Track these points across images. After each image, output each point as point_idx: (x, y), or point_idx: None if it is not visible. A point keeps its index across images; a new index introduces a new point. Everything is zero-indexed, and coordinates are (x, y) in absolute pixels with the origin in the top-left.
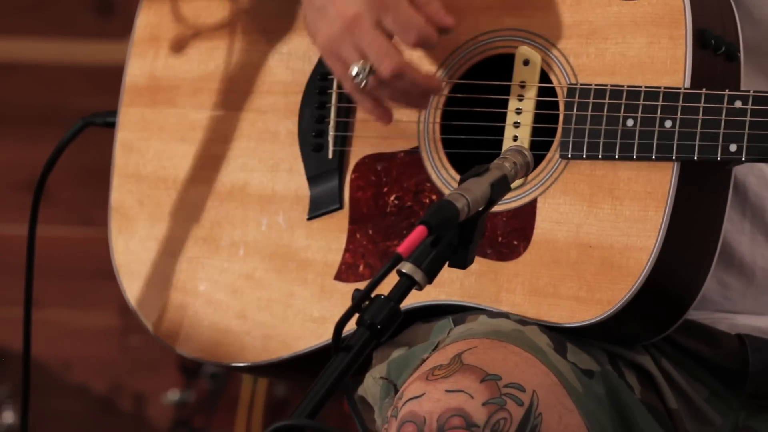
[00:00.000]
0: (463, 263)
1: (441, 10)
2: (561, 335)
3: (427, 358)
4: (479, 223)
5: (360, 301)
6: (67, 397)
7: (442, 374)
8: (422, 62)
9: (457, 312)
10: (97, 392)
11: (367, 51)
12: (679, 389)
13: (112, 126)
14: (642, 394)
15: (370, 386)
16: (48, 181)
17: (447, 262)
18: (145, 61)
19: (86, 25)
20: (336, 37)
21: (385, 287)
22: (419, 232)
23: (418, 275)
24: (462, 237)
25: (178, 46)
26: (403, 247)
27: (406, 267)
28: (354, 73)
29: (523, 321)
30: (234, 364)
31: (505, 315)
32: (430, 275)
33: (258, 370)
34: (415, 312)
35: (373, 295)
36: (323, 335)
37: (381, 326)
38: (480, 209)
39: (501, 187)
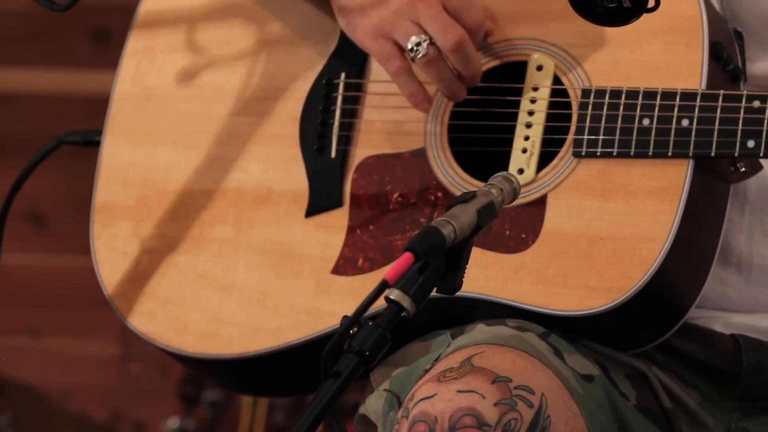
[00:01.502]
0: (450, 289)
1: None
2: (557, 341)
3: (431, 368)
4: (466, 249)
5: (348, 328)
6: (67, 426)
7: (453, 375)
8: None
9: (457, 308)
10: (97, 421)
11: (430, 24)
12: (671, 395)
13: (89, 145)
14: (637, 399)
15: (373, 403)
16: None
17: (435, 288)
18: (138, 69)
19: (84, 55)
20: (391, 16)
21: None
22: (405, 258)
23: (406, 302)
24: (449, 263)
25: (172, 55)
26: (389, 274)
27: (394, 294)
28: (411, 45)
29: (521, 327)
30: (222, 356)
31: (501, 322)
32: (418, 301)
33: (245, 364)
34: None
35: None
36: (314, 327)
37: (369, 353)
38: (466, 236)
39: (487, 214)
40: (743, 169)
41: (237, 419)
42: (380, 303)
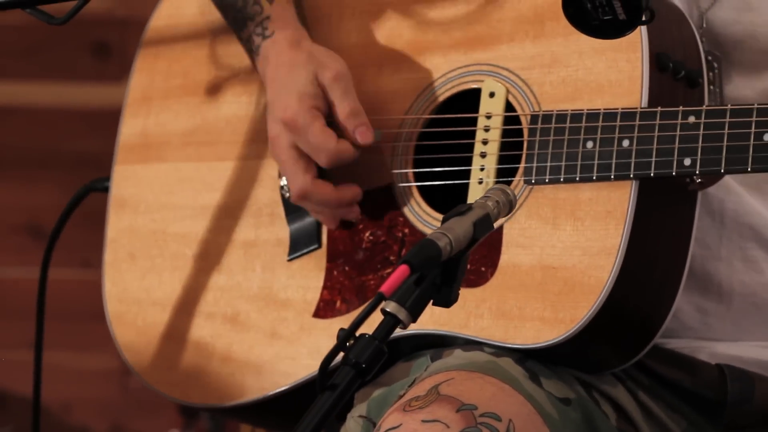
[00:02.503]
0: (446, 302)
1: (361, 125)
2: (535, 365)
3: (404, 393)
4: (462, 261)
5: (345, 340)
6: None
7: (418, 405)
8: (395, 100)
9: (429, 341)
10: None
11: (283, 171)
12: (657, 421)
13: None
14: (617, 422)
15: (351, 427)
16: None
17: (431, 301)
18: (137, 120)
19: (84, 68)
20: (271, 150)
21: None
22: (402, 271)
23: (402, 314)
24: (445, 276)
25: (168, 103)
26: (386, 286)
27: (391, 306)
28: (281, 186)
29: (497, 353)
30: (216, 406)
31: (479, 347)
32: (414, 314)
33: (241, 411)
34: (389, 345)
35: (357, 334)
36: (304, 371)
37: (366, 365)
38: (462, 248)
39: (484, 226)
40: (699, 180)
41: (237, 431)
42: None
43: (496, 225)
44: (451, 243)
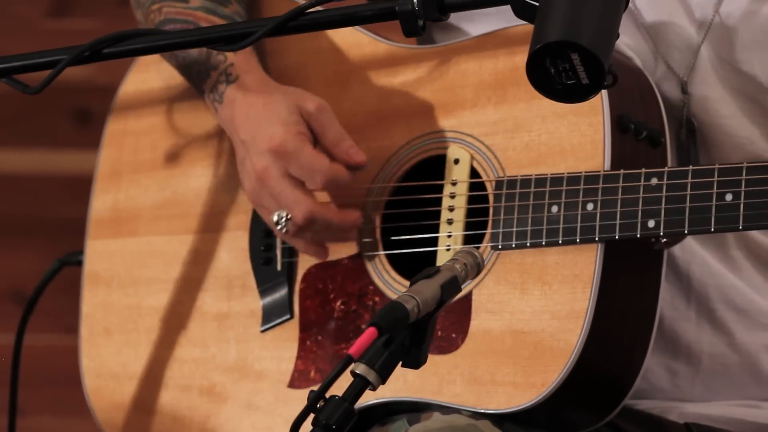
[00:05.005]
0: (416, 363)
1: (352, 148)
2: (512, 427)
3: None
4: (430, 323)
5: (314, 402)
6: None
7: None
8: (361, 171)
9: (404, 408)
10: None
11: (280, 201)
12: None
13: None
14: None
15: None
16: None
17: (400, 362)
18: (107, 195)
19: (65, 135)
20: (255, 189)
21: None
22: (369, 333)
23: (371, 376)
24: (414, 337)
25: (138, 177)
26: (354, 349)
27: (360, 368)
28: (275, 221)
29: (475, 416)
30: None
31: (456, 411)
32: (384, 376)
33: None
34: (365, 412)
35: (327, 396)
36: None
37: (336, 427)
38: (430, 310)
39: (451, 289)
40: (664, 239)
41: None
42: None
43: (464, 287)
44: (418, 305)
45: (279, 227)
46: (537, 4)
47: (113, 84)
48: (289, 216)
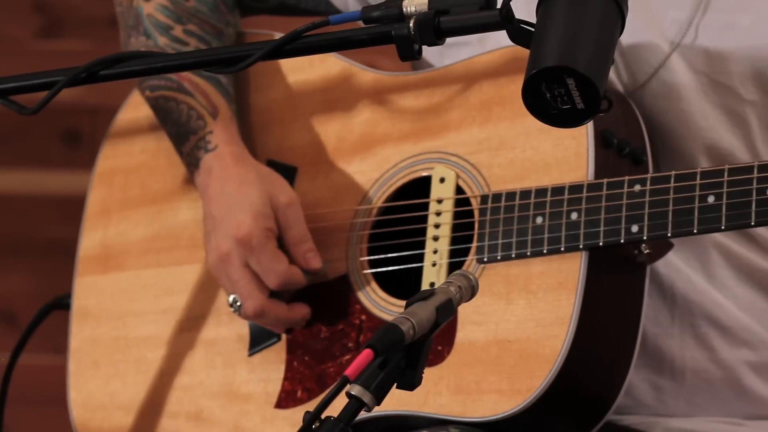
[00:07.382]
0: (410, 385)
1: (310, 251)
2: None
3: None
4: (425, 345)
5: (310, 423)
6: None
7: None
8: (349, 192)
9: (394, 423)
10: None
11: (235, 288)
12: None
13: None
14: None
15: None
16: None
17: (395, 384)
18: (96, 232)
19: (55, 156)
20: (217, 266)
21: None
22: (366, 354)
23: (366, 397)
24: (409, 359)
25: (127, 213)
26: (350, 370)
27: (355, 389)
28: (229, 302)
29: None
30: None
31: (445, 428)
32: (379, 397)
33: None
34: (354, 429)
35: (323, 417)
36: None
37: None
38: (426, 332)
39: (446, 311)
40: (647, 251)
41: None
42: None
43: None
44: (414, 327)
45: (233, 309)
46: (533, 29)
47: (102, 105)
48: (239, 303)
